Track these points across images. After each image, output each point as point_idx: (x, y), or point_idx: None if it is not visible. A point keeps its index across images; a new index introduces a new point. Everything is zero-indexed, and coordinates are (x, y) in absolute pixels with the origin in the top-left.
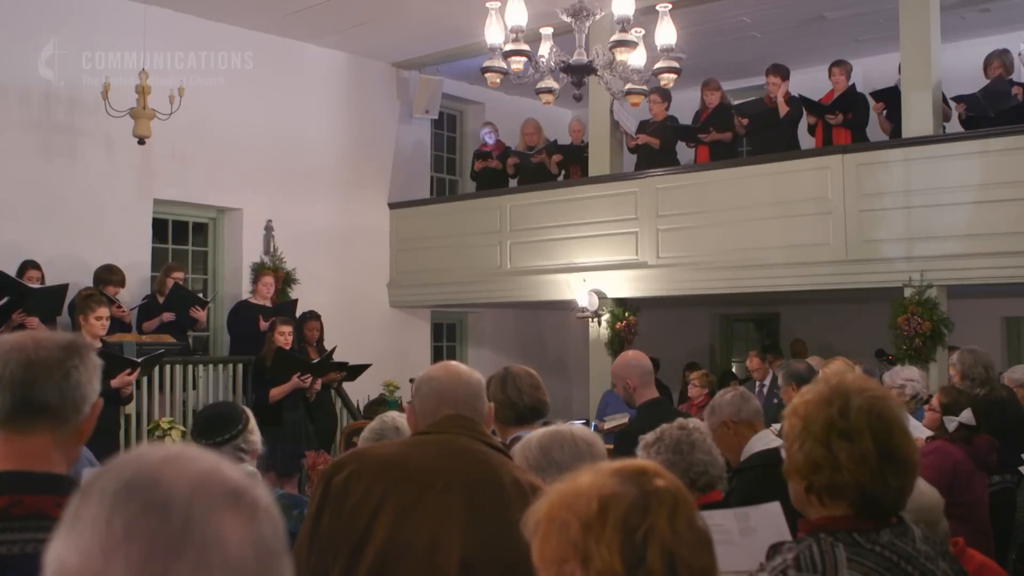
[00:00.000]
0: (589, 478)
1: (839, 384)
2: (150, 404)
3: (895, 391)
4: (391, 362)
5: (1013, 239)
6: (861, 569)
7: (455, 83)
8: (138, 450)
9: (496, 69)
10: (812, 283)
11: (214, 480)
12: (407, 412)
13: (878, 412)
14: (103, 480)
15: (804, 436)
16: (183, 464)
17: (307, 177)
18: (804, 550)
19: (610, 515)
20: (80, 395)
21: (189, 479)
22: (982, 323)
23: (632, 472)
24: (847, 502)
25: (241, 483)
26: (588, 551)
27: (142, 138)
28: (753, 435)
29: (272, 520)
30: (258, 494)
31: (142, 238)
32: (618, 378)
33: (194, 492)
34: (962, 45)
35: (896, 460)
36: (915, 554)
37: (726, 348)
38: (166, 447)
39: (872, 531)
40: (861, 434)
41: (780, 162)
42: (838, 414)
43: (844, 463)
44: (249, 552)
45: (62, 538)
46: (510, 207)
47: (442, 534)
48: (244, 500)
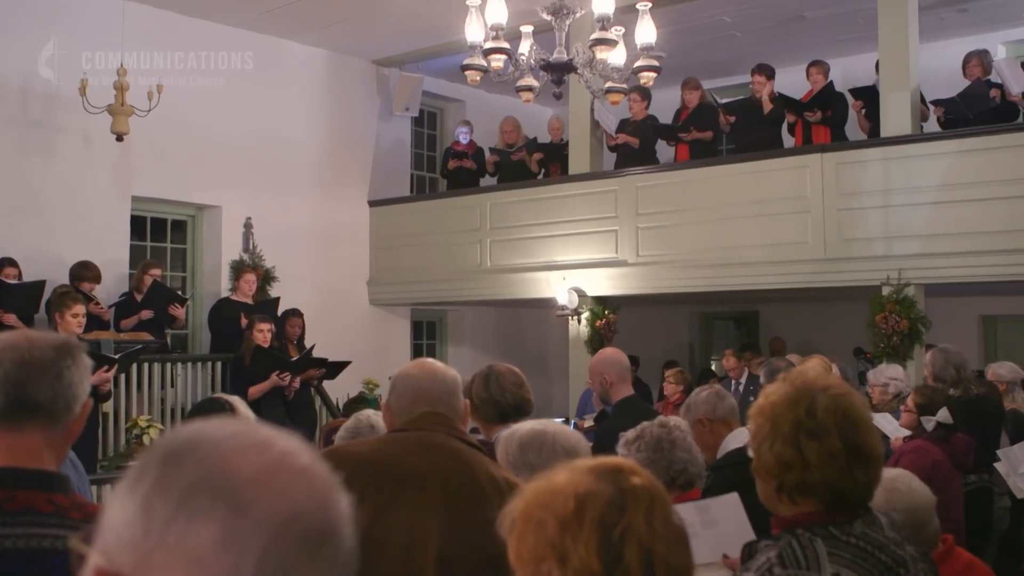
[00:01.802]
0: (565, 476)
1: (804, 384)
2: (128, 402)
3: (878, 389)
4: (371, 360)
5: (990, 238)
6: (841, 561)
7: (435, 81)
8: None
9: (476, 67)
10: (791, 281)
11: (303, 518)
12: (383, 410)
13: (844, 410)
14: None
15: (773, 437)
16: (278, 490)
17: (287, 174)
18: (785, 547)
19: (587, 513)
20: (72, 395)
21: (279, 516)
22: (959, 321)
23: (608, 470)
24: (817, 499)
25: (329, 525)
26: (565, 550)
27: (120, 135)
28: (729, 433)
29: (349, 566)
30: (342, 538)
31: (120, 235)
32: (595, 373)
33: (277, 534)
34: (940, 45)
35: (863, 455)
36: (886, 542)
37: (705, 346)
38: (268, 449)
39: (846, 523)
40: (828, 433)
41: (759, 161)
42: (805, 414)
43: (813, 462)
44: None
45: (117, 521)
46: (490, 205)
47: (418, 531)
48: (326, 546)
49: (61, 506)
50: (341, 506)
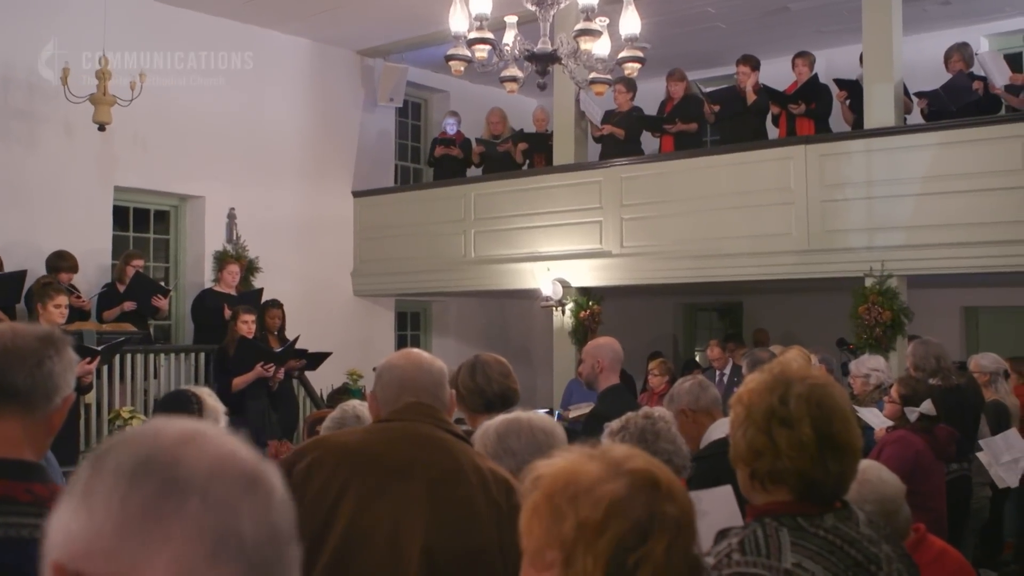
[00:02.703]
0: (601, 472)
1: (781, 373)
2: (111, 393)
3: (860, 380)
4: (355, 351)
5: (972, 229)
6: (805, 552)
7: (420, 71)
8: (154, 425)
9: (460, 57)
10: (775, 272)
11: (231, 464)
12: (369, 400)
13: (817, 399)
14: (117, 455)
15: (747, 424)
16: (201, 444)
17: (270, 165)
18: (749, 534)
19: (610, 529)
20: (52, 384)
21: (207, 462)
22: (942, 313)
23: (646, 483)
24: (788, 487)
25: (256, 468)
26: (575, 554)
27: (102, 124)
28: (711, 423)
29: (285, 507)
30: (273, 480)
31: (103, 226)
32: (590, 355)
33: (212, 475)
34: (923, 37)
35: (836, 446)
36: (858, 537)
37: (690, 337)
38: (181, 424)
39: (816, 515)
40: (800, 421)
41: (743, 152)
42: (778, 402)
43: (784, 450)
44: (264, 539)
45: (71, 510)
46: (474, 196)
47: (404, 522)
48: (260, 486)
49: (39, 496)
50: (262, 460)
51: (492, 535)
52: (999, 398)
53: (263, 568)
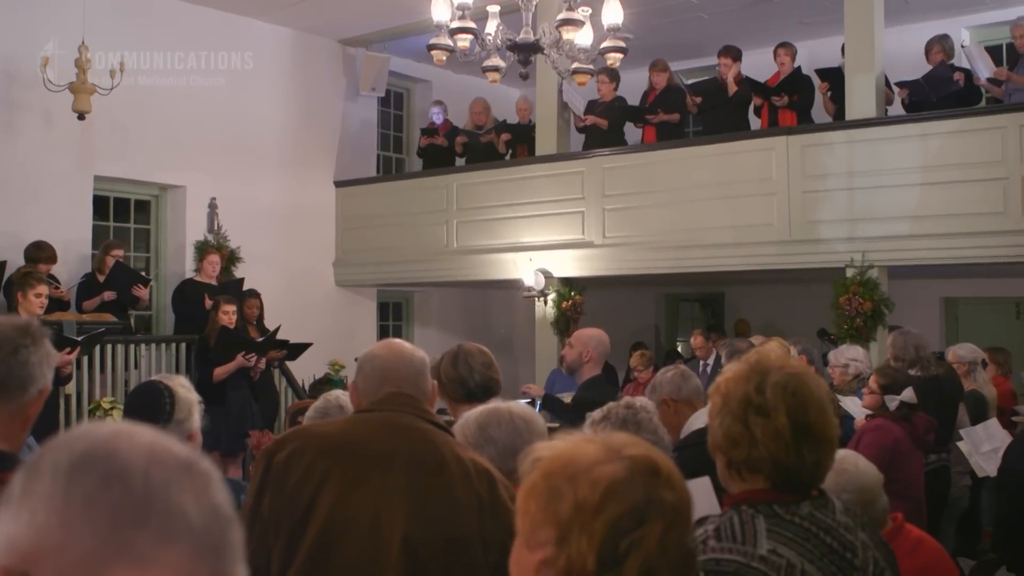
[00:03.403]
0: (600, 453)
1: (758, 362)
2: (91, 384)
3: (839, 370)
4: (337, 341)
5: (952, 221)
6: (780, 539)
7: (402, 61)
8: (81, 427)
9: (442, 47)
10: (756, 263)
11: (165, 451)
12: (350, 391)
13: (794, 389)
14: (52, 456)
15: (724, 413)
16: (133, 437)
17: (252, 155)
18: (725, 522)
19: (606, 510)
20: (27, 374)
21: (142, 450)
22: (922, 303)
23: (646, 468)
24: (765, 476)
25: (190, 455)
26: (569, 534)
27: (82, 113)
28: (693, 413)
29: (223, 489)
30: (207, 464)
31: (82, 215)
32: (579, 342)
33: (150, 462)
34: (905, 29)
35: (812, 435)
36: (835, 525)
37: (671, 327)
38: (108, 424)
39: (793, 503)
40: (776, 410)
41: (725, 143)
42: (755, 391)
43: (760, 439)
44: (209, 519)
45: (10, 516)
46: (457, 186)
47: (384, 512)
48: (196, 469)
49: None
50: (193, 450)
51: (473, 525)
52: (977, 388)
53: (210, 546)
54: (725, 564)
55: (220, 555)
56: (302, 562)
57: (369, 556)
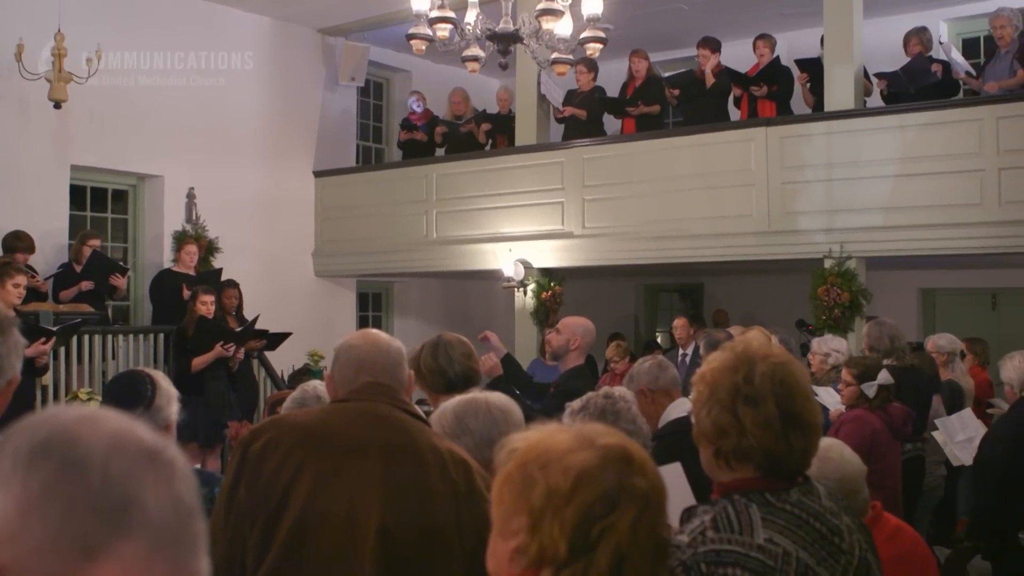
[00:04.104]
0: (573, 442)
1: (744, 351)
2: (68, 375)
3: (819, 357)
4: (316, 332)
5: (930, 212)
6: (775, 527)
7: (381, 51)
8: (50, 411)
9: (421, 36)
10: (735, 254)
11: (130, 439)
12: (326, 381)
13: (781, 378)
14: (15, 440)
15: (711, 402)
16: (98, 424)
17: (230, 144)
18: (720, 511)
19: (578, 496)
20: None
21: (105, 438)
22: (899, 294)
23: (618, 456)
24: (753, 465)
25: (156, 443)
26: (541, 521)
27: (58, 102)
28: (670, 403)
29: (187, 479)
30: (172, 454)
31: (59, 205)
32: (567, 329)
33: (111, 451)
34: (883, 21)
35: (799, 423)
36: (822, 511)
37: (651, 318)
38: (78, 408)
39: (783, 490)
40: (765, 400)
41: (705, 134)
42: (743, 380)
43: (749, 428)
44: (168, 511)
45: None
46: (436, 176)
47: (360, 502)
48: (160, 459)
49: None
50: (161, 438)
51: (449, 515)
52: (955, 378)
53: (169, 538)
54: (725, 555)
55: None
56: (277, 552)
57: (345, 546)
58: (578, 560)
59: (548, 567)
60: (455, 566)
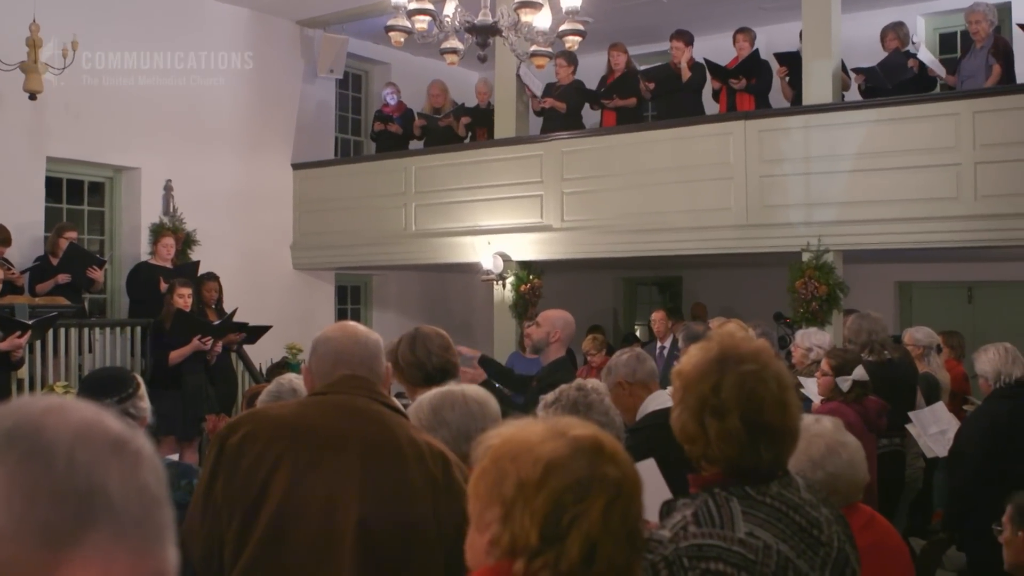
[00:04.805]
0: (545, 433)
1: (719, 355)
2: (44, 368)
3: (800, 351)
4: (295, 325)
5: (907, 206)
6: (755, 520)
7: (360, 42)
8: (18, 400)
9: (400, 28)
10: (713, 247)
11: (96, 429)
12: (304, 373)
13: (750, 389)
14: None
15: (682, 407)
16: (65, 413)
17: (208, 136)
18: (701, 505)
19: (548, 485)
20: None
21: (71, 428)
22: (876, 287)
23: (588, 446)
24: (721, 469)
25: (123, 433)
26: (513, 511)
27: (33, 93)
28: (648, 396)
29: (155, 469)
30: (140, 443)
31: (35, 197)
32: (547, 322)
33: (76, 440)
34: (861, 16)
35: (769, 433)
36: (801, 503)
37: (630, 311)
38: (47, 397)
39: (762, 484)
40: (730, 412)
41: (684, 127)
42: (711, 391)
43: (713, 439)
44: (133, 500)
45: None
46: (415, 169)
47: (338, 494)
48: (127, 449)
49: None
50: (130, 428)
51: (427, 507)
52: (931, 371)
53: (133, 528)
54: (707, 549)
55: (144, 537)
56: (255, 545)
57: (323, 539)
58: (550, 549)
59: (521, 556)
60: (434, 559)
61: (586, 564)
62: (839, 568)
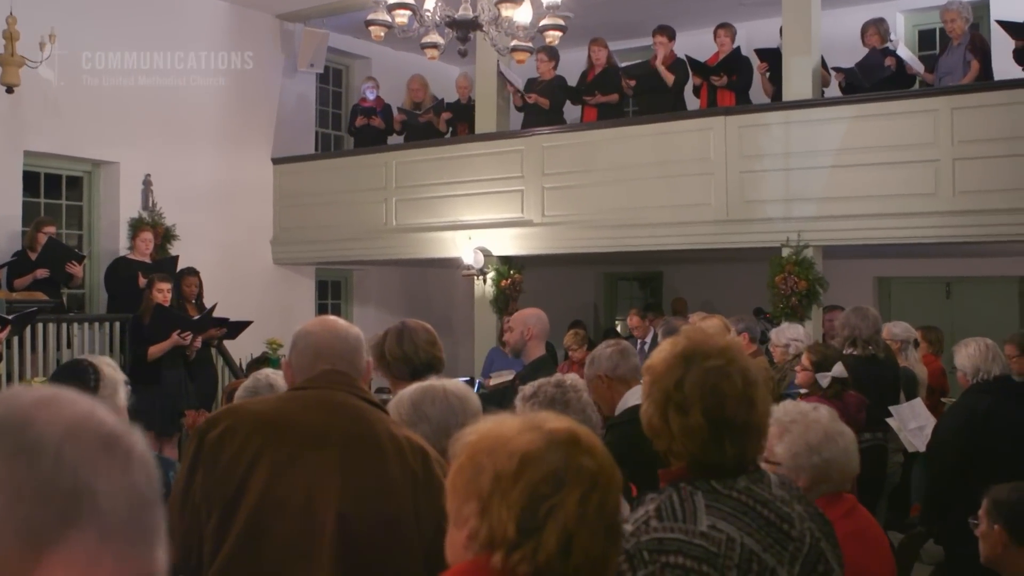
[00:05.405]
0: (520, 428)
1: (685, 350)
2: (22, 363)
3: (780, 349)
4: (275, 320)
5: (886, 201)
6: (719, 514)
7: (341, 37)
8: (10, 391)
9: (380, 22)
10: (694, 242)
11: (87, 425)
12: (284, 368)
13: (713, 384)
14: None
15: (648, 402)
16: (56, 407)
17: (188, 130)
18: (665, 500)
19: (524, 477)
20: None
21: (62, 423)
22: (855, 283)
23: (564, 439)
24: (686, 464)
25: (115, 430)
26: (490, 504)
27: (10, 86)
28: (628, 390)
29: (146, 468)
30: (132, 441)
31: (12, 192)
32: (519, 323)
33: (66, 437)
34: (842, 12)
35: (733, 428)
36: (771, 498)
37: (610, 306)
38: (40, 389)
39: (730, 478)
40: (693, 408)
41: (664, 123)
42: (674, 387)
43: (677, 435)
44: (120, 500)
45: None
46: (396, 163)
47: (318, 490)
48: (118, 447)
49: None
50: (123, 423)
51: (407, 502)
52: (909, 366)
53: (119, 529)
54: (668, 543)
55: (130, 539)
56: (235, 541)
57: (303, 534)
58: (527, 541)
59: (499, 549)
60: (413, 554)
61: (563, 556)
62: (811, 564)
